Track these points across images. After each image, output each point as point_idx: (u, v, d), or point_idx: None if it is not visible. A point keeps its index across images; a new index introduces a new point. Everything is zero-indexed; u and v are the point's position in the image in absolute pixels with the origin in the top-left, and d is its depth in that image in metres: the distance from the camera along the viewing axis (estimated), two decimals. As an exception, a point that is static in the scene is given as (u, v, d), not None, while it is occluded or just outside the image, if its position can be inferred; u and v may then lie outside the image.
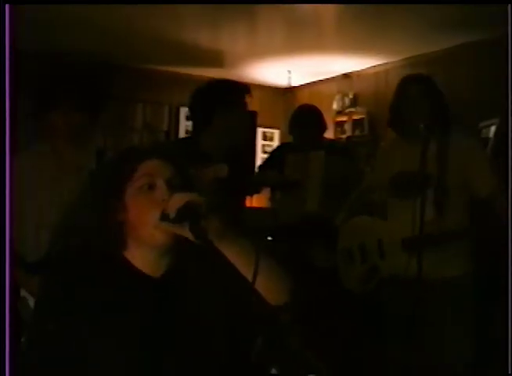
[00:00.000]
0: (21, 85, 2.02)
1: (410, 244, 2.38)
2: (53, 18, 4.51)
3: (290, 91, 6.79)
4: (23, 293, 2.11)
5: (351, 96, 6.26)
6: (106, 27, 4.77)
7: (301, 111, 3.83)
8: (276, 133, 7.09)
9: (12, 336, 1.51)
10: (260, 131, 6.97)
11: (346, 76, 6.29)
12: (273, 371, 1.31)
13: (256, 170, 4.15)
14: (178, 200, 1.24)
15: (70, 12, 4.34)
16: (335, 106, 6.32)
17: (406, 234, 2.40)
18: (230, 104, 2.56)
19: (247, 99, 2.61)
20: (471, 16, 4.20)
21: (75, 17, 4.48)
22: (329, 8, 4.33)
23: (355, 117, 6.16)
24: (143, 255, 1.32)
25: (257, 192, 3.19)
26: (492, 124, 3.97)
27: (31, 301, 2.04)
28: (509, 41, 2.06)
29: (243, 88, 2.61)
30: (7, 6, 1.61)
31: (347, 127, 6.23)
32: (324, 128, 3.75)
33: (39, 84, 2.29)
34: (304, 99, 6.35)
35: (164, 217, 1.26)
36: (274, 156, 3.94)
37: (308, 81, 6.73)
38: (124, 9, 4.32)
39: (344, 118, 6.27)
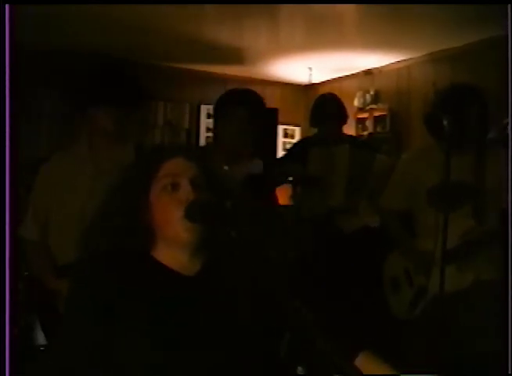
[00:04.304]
0: (51, 86, 2.03)
1: (452, 257, 2.37)
2: (70, 15, 4.54)
3: (310, 88, 6.77)
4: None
5: (372, 93, 6.22)
6: (127, 24, 4.79)
7: (322, 100, 3.79)
8: (297, 130, 7.08)
9: (12, 337, 1.51)
10: (281, 128, 6.96)
11: (367, 72, 6.25)
12: (299, 370, 1.30)
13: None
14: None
15: (88, 9, 4.37)
16: (356, 102, 6.29)
17: (447, 246, 2.37)
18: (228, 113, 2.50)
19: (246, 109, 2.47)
20: (494, 11, 4.14)
21: (93, 14, 4.51)
22: (350, 4, 4.31)
23: (377, 113, 6.13)
24: (174, 255, 1.32)
25: (278, 185, 3.15)
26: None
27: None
28: (509, 42, 2.03)
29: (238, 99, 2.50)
30: (7, 6, 1.61)
31: (369, 124, 6.20)
32: (346, 117, 3.71)
33: (76, 84, 2.30)
34: (325, 95, 6.33)
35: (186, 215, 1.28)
36: (294, 150, 3.88)
37: (329, 78, 6.71)
38: (144, 6, 4.35)
39: (366, 115, 6.24)
